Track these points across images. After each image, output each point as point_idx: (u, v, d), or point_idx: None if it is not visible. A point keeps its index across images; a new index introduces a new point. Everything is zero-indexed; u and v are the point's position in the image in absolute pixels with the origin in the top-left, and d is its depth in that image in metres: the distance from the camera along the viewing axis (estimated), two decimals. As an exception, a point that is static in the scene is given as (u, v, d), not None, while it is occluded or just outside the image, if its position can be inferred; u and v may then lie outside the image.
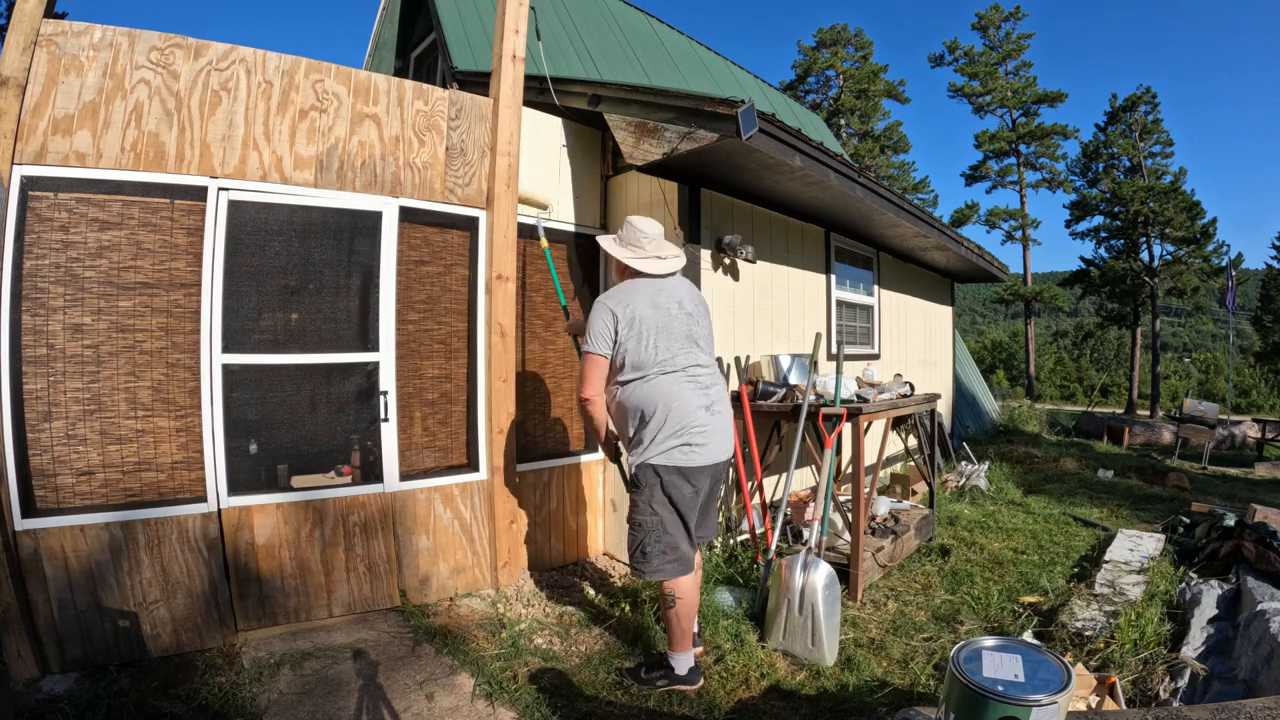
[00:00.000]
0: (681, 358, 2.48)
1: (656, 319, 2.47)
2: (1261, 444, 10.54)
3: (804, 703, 2.50)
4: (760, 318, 4.37)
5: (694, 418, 2.45)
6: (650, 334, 2.45)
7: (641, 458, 2.47)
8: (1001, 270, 7.90)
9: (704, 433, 2.46)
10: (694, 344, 2.54)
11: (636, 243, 2.57)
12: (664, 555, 2.47)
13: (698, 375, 2.51)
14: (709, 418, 2.48)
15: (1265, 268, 30.32)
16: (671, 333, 2.48)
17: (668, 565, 2.47)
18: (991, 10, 29.67)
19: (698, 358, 2.53)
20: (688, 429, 2.44)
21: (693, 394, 2.47)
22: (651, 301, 2.49)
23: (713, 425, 2.49)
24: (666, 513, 2.47)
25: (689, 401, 2.45)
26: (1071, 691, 0.87)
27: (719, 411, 2.54)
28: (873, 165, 29.89)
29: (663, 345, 2.46)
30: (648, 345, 2.45)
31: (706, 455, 2.46)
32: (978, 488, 6.09)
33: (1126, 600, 3.21)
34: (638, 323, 2.44)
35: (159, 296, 2.66)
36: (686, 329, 2.52)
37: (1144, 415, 22.44)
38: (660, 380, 2.45)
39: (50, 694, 2.34)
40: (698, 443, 2.44)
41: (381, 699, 2.40)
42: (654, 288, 2.54)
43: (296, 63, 2.93)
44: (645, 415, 2.46)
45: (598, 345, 2.47)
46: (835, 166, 3.80)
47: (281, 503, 2.88)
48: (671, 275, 2.61)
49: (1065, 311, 38.14)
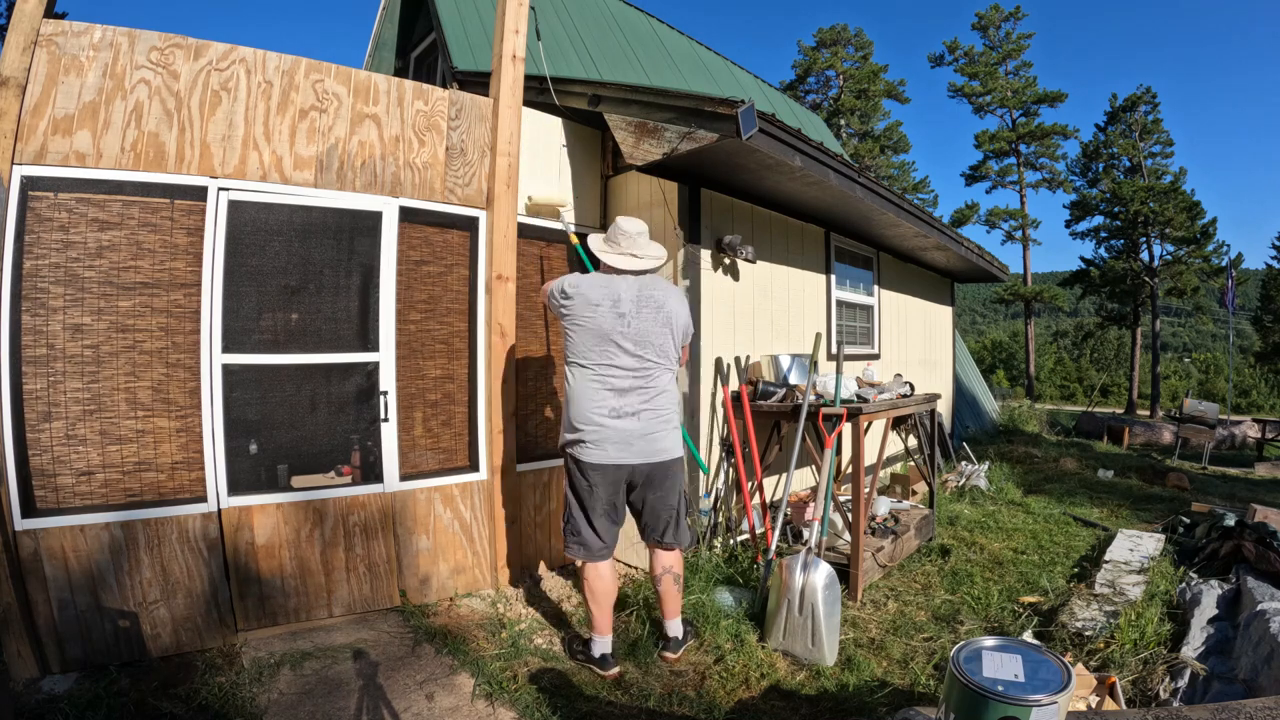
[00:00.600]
0: (595, 356, 2.56)
1: (586, 314, 2.56)
2: (1261, 444, 10.54)
3: (804, 703, 2.50)
4: (760, 318, 4.37)
5: (590, 417, 2.55)
6: (577, 325, 2.58)
7: (560, 441, 2.71)
8: (1001, 270, 7.90)
9: (597, 430, 2.55)
10: (612, 344, 2.55)
11: (613, 239, 2.70)
12: (570, 535, 2.70)
13: (609, 376, 2.56)
14: (608, 417, 2.55)
15: (1265, 268, 30.30)
16: (590, 329, 2.56)
17: (573, 545, 2.69)
18: (991, 10, 29.67)
19: (614, 358, 2.55)
20: (582, 426, 2.57)
21: (596, 394, 2.55)
22: (597, 296, 2.57)
23: (613, 426, 2.54)
24: (571, 495, 2.69)
25: (587, 401, 2.56)
26: (1071, 691, 0.87)
27: (632, 414, 2.56)
28: (873, 165, 29.89)
29: (582, 340, 2.58)
30: (576, 335, 2.60)
31: (597, 455, 2.56)
32: (978, 488, 6.09)
33: (1126, 600, 3.21)
34: (573, 312, 2.58)
35: (159, 296, 2.66)
36: (609, 328, 2.55)
37: (1144, 415, 22.44)
38: (574, 372, 2.61)
39: (50, 694, 2.34)
40: (589, 441, 2.56)
41: (381, 699, 2.40)
42: (608, 283, 2.62)
43: (296, 63, 2.93)
44: (565, 403, 2.67)
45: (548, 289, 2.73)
46: (835, 166, 3.80)
47: (281, 503, 2.88)
48: (642, 274, 2.68)
49: (1065, 311, 38.14)
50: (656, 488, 2.67)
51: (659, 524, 2.73)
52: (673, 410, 2.70)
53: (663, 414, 2.64)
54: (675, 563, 2.78)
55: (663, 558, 2.76)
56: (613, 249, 2.69)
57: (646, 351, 2.59)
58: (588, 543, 2.67)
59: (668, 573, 2.75)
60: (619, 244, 2.68)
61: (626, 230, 2.68)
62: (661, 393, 2.64)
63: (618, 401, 2.55)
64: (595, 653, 2.69)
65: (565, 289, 2.62)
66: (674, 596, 2.78)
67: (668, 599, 2.78)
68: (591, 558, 2.68)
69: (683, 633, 2.83)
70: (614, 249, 2.69)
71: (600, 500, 2.63)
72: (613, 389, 2.55)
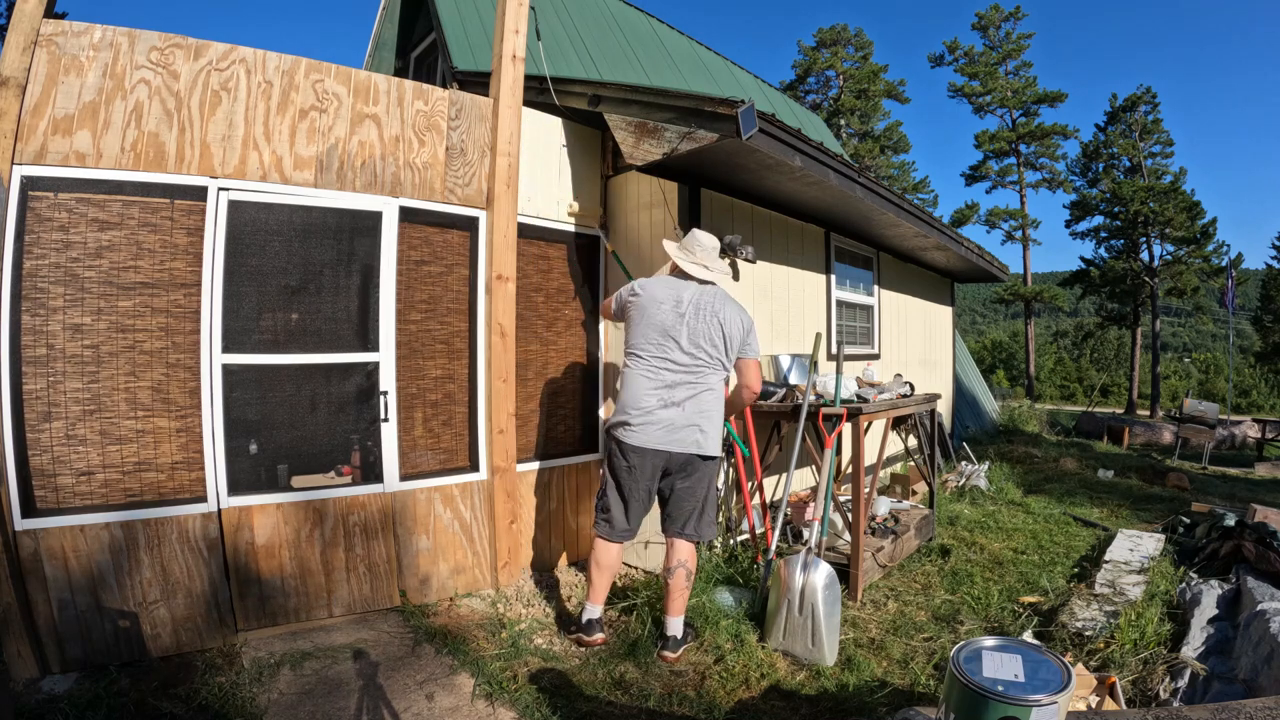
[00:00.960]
0: (651, 348, 2.79)
1: (651, 309, 2.80)
2: (1261, 444, 10.54)
3: (804, 703, 2.50)
4: (760, 318, 4.36)
5: (639, 401, 2.76)
6: (640, 320, 2.82)
7: (606, 425, 2.93)
8: (1001, 270, 7.90)
9: (644, 416, 2.74)
10: (670, 340, 2.77)
11: (689, 248, 2.95)
12: (600, 513, 2.89)
13: (661, 369, 2.77)
14: (656, 406, 2.75)
15: (1265, 268, 30.31)
16: (652, 324, 2.79)
17: (601, 521, 2.88)
18: (991, 10, 29.67)
19: (669, 353, 2.77)
20: (630, 410, 2.77)
21: (647, 382, 2.77)
22: (662, 295, 2.82)
23: (658, 414, 2.74)
24: (609, 476, 2.88)
25: (639, 387, 2.77)
26: (1071, 691, 0.87)
27: (675, 404, 2.75)
28: (873, 165, 29.89)
29: (642, 332, 2.81)
30: (637, 328, 2.83)
31: (640, 438, 2.75)
32: (978, 488, 6.09)
33: (1126, 600, 3.21)
34: (639, 306, 2.83)
35: (159, 296, 2.66)
36: (668, 324, 2.77)
37: (1144, 415, 22.45)
38: (631, 361, 2.84)
39: (50, 694, 2.34)
40: (635, 424, 2.75)
41: (381, 699, 2.40)
42: (673, 284, 2.86)
43: (296, 63, 2.93)
44: (620, 389, 2.88)
45: (615, 295, 3.05)
46: (835, 166, 3.80)
47: (281, 503, 2.88)
48: (707, 284, 2.88)
49: (1065, 311, 38.14)
50: (687, 477, 2.80)
51: (682, 513, 2.83)
52: (717, 410, 2.83)
53: (706, 410, 2.79)
54: (690, 558, 2.83)
55: (680, 550, 2.81)
56: (688, 256, 2.92)
57: (698, 351, 2.77)
58: (615, 521, 2.84)
59: (681, 566, 2.80)
60: (694, 253, 2.92)
61: (704, 244, 2.94)
62: (708, 390, 2.80)
63: (667, 393, 2.75)
64: (583, 618, 2.87)
65: (635, 287, 2.90)
66: (682, 592, 2.81)
67: (675, 594, 2.79)
68: (613, 538, 2.85)
69: (683, 633, 2.83)
70: (689, 256, 2.92)
71: (638, 483, 2.79)
72: (662, 382, 2.75)
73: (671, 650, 2.76)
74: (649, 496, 2.85)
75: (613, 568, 2.90)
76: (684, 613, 2.85)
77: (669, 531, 2.88)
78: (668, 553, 2.85)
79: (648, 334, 2.79)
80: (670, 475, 2.81)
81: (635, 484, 2.79)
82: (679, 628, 2.82)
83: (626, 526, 2.85)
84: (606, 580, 2.90)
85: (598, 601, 2.89)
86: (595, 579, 2.89)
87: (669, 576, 2.80)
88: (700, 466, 2.81)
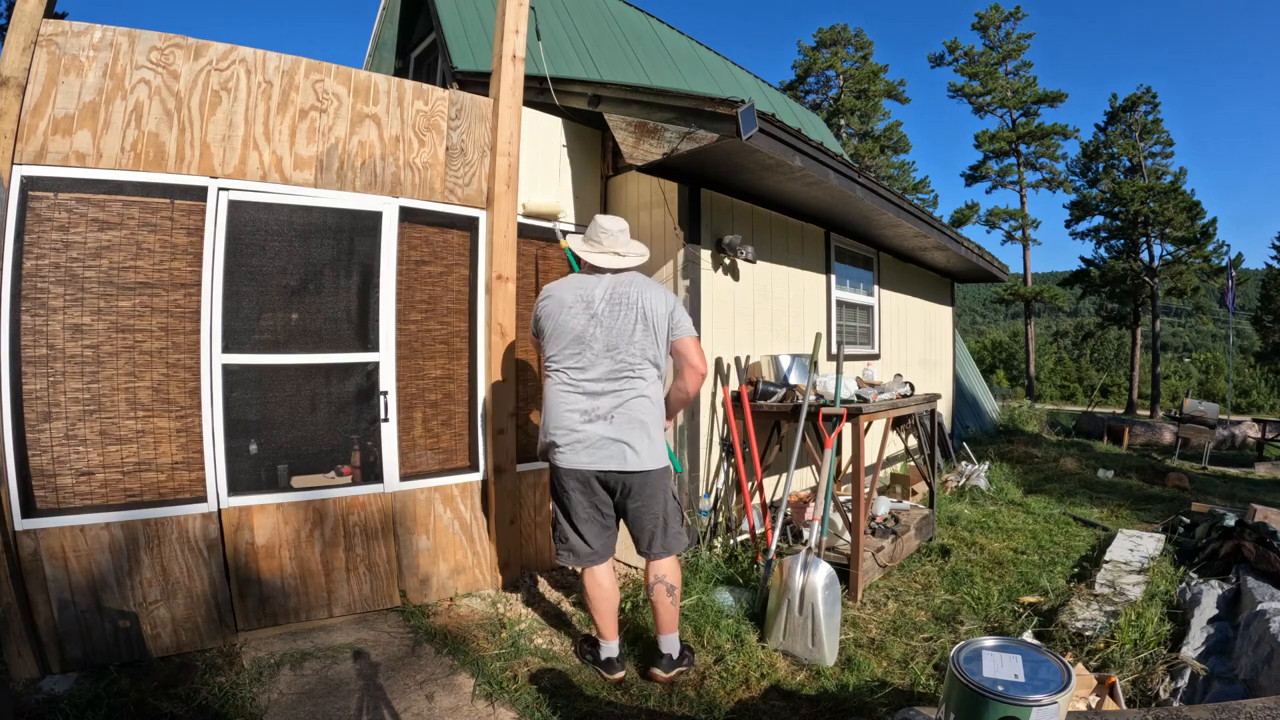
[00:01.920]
0: (567, 360, 2.51)
1: (561, 315, 2.51)
2: (1261, 444, 10.54)
3: (804, 703, 2.50)
4: (760, 318, 4.37)
5: (561, 420, 2.50)
6: (551, 330, 2.53)
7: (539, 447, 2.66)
8: (1001, 270, 7.90)
9: (568, 435, 2.48)
10: (585, 346, 2.47)
11: (594, 237, 2.62)
12: (559, 542, 2.65)
13: (580, 381, 2.48)
14: (579, 422, 2.47)
15: (1265, 268, 30.32)
16: (564, 331, 2.50)
17: (562, 551, 2.64)
18: (991, 10, 29.67)
19: (585, 361, 2.48)
20: (553, 430, 2.52)
21: (567, 397, 2.50)
22: (570, 297, 2.52)
23: (583, 430, 2.46)
24: (554, 501, 2.64)
25: (559, 404, 2.51)
26: (1072, 691, 0.87)
27: (604, 418, 2.46)
28: (873, 165, 29.89)
29: (554, 342, 2.53)
30: (550, 340, 2.55)
31: (569, 459, 2.49)
32: (978, 488, 6.09)
33: (1127, 600, 3.21)
34: (550, 316, 2.54)
35: (159, 296, 2.66)
36: (579, 329, 2.48)
37: (1144, 415, 22.44)
38: (549, 378, 2.58)
39: (50, 694, 2.34)
40: (561, 444, 2.50)
41: (381, 699, 2.40)
42: (582, 283, 2.56)
43: (296, 63, 2.93)
44: (542, 407, 2.63)
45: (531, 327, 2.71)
46: (835, 166, 3.80)
47: (281, 503, 2.88)
48: (623, 271, 2.59)
49: (1065, 311, 38.14)
50: (636, 497, 2.54)
51: (643, 534, 2.60)
52: (651, 416, 2.51)
53: (638, 418, 2.48)
54: (668, 571, 2.59)
55: (655, 566, 2.61)
56: (593, 247, 2.60)
57: (620, 353, 2.47)
58: (575, 548, 2.60)
59: (660, 582, 2.59)
60: (600, 242, 2.60)
61: (607, 228, 2.60)
62: (639, 396, 2.48)
63: (589, 404, 2.47)
64: (602, 656, 2.65)
65: (543, 293, 2.60)
66: (666, 608, 2.59)
67: (659, 610, 2.60)
68: (581, 563, 2.61)
69: (678, 653, 2.65)
70: (595, 247, 2.60)
71: (579, 504, 2.55)
72: (584, 392, 2.48)
73: (663, 669, 2.59)
74: (600, 513, 2.58)
75: (609, 598, 2.61)
76: (676, 629, 2.64)
77: (639, 551, 2.65)
78: (645, 569, 2.67)
79: (558, 343, 2.50)
80: (618, 496, 2.55)
81: (577, 505, 2.55)
82: (673, 645, 2.64)
83: (590, 549, 2.58)
84: (609, 615, 2.63)
85: (610, 637, 2.64)
86: (596, 618, 2.63)
87: (650, 593, 2.62)
88: (646, 481, 2.52)
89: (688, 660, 2.69)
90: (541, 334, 2.59)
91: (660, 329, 2.51)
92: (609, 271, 2.57)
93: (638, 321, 2.48)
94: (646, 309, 2.49)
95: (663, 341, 2.52)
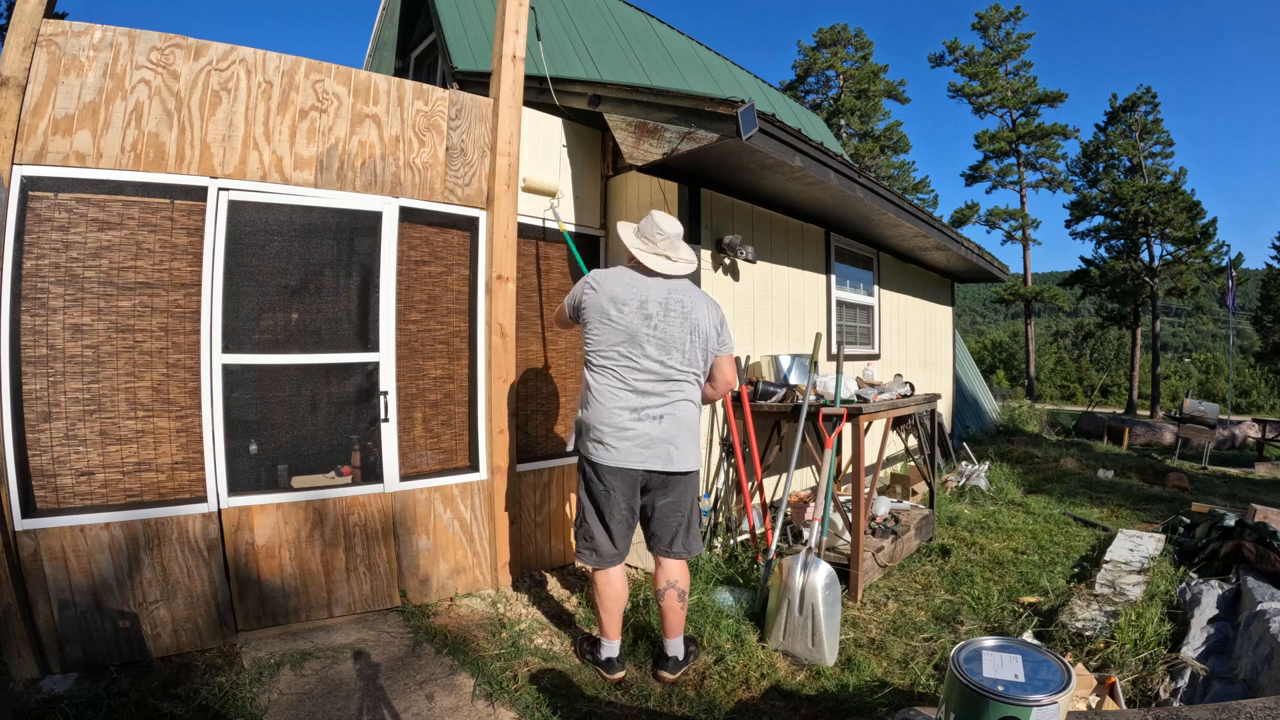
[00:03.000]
0: (618, 356, 2.48)
1: (612, 311, 2.48)
2: (1261, 444, 10.54)
3: (804, 703, 2.50)
4: (760, 318, 4.37)
5: (611, 418, 2.47)
6: (602, 323, 2.50)
7: (573, 443, 2.65)
8: (1001, 270, 7.91)
9: (617, 433, 2.46)
10: (638, 346, 2.47)
11: (649, 236, 2.57)
12: (583, 541, 2.60)
13: (632, 380, 2.47)
14: (630, 421, 2.46)
15: (1265, 268, 30.34)
16: (616, 328, 2.48)
17: (585, 551, 2.59)
18: (991, 10, 29.68)
19: (639, 361, 2.47)
20: (601, 427, 2.48)
21: (618, 394, 2.48)
22: (624, 294, 2.49)
23: (633, 430, 2.46)
24: (586, 501, 2.59)
25: (609, 402, 2.48)
26: (1071, 691, 0.87)
27: (655, 418, 2.47)
28: (873, 165, 29.90)
29: (605, 337, 2.50)
30: (599, 333, 2.51)
31: (615, 457, 2.47)
32: (978, 488, 6.09)
33: (1127, 600, 3.21)
34: (600, 309, 2.50)
35: (159, 296, 2.66)
36: (634, 328, 2.47)
37: (1144, 415, 22.45)
38: (595, 372, 2.54)
39: (50, 694, 2.34)
40: (609, 443, 2.47)
41: (382, 699, 2.40)
42: (633, 282, 2.53)
43: (296, 63, 2.93)
44: (582, 402, 2.60)
45: (565, 300, 2.69)
46: (835, 166, 3.80)
47: (281, 503, 2.88)
48: (672, 278, 2.57)
49: (1065, 311, 38.12)
50: (669, 493, 2.56)
51: (668, 532, 2.59)
52: (694, 421, 2.59)
53: (684, 422, 2.53)
54: (681, 576, 2.61)
55: (669, 569, 2.60)
56: (646, 246, 2.56)
57: (671, 357, 2.49)
58: (600, 549, 2.56)
59: (672, 587, 2.58)
60: (654, 241, 2.55)
61: (664, 230, 2.55)
62: (685, 400, 2.54)
63: (640, 402, 2.47)
64: (603, 656, 2.65)
65: (591, 283, 2.54)
66: (677, 613, 2.61)
67: (670, 616, 2.61)
68: (604, 564, 2.58)
69: (684, 652, 2.68)
70: (648, 246, 2.56)
71: (618, 505, 2.52)
72: (636, 390, 2.47)
73: (670, 671, 2.62)
74: (632, 515, 2.59)
75: (620, 599, 2.61)
76: (683, 632, 2.68)
77: (655, 550, 2.64)
78: (655, 572, 2.65)
79: (611, 339, 2.48)
80: (650, 492, 2.57)
81: (615, 505, 2.52)
82: (679, 648, 2.66)
83: (614, 550, 2.57)
84: (615, 613, 2.62)
85: (614, 637, 2.64)
86: (603, 616, 2.62)
87: (660, 599, 2.61)
88: (681, 481, 2.57)
89: (693, 654, 2.74)
90: (584, 323, 2.56)
91: (709, 345, 2.58)
92: (659, 275, 2.55)
93: (690, 332, 2.51)
94: (699, 321, 2.53)
95: (709, 354, 2.59)
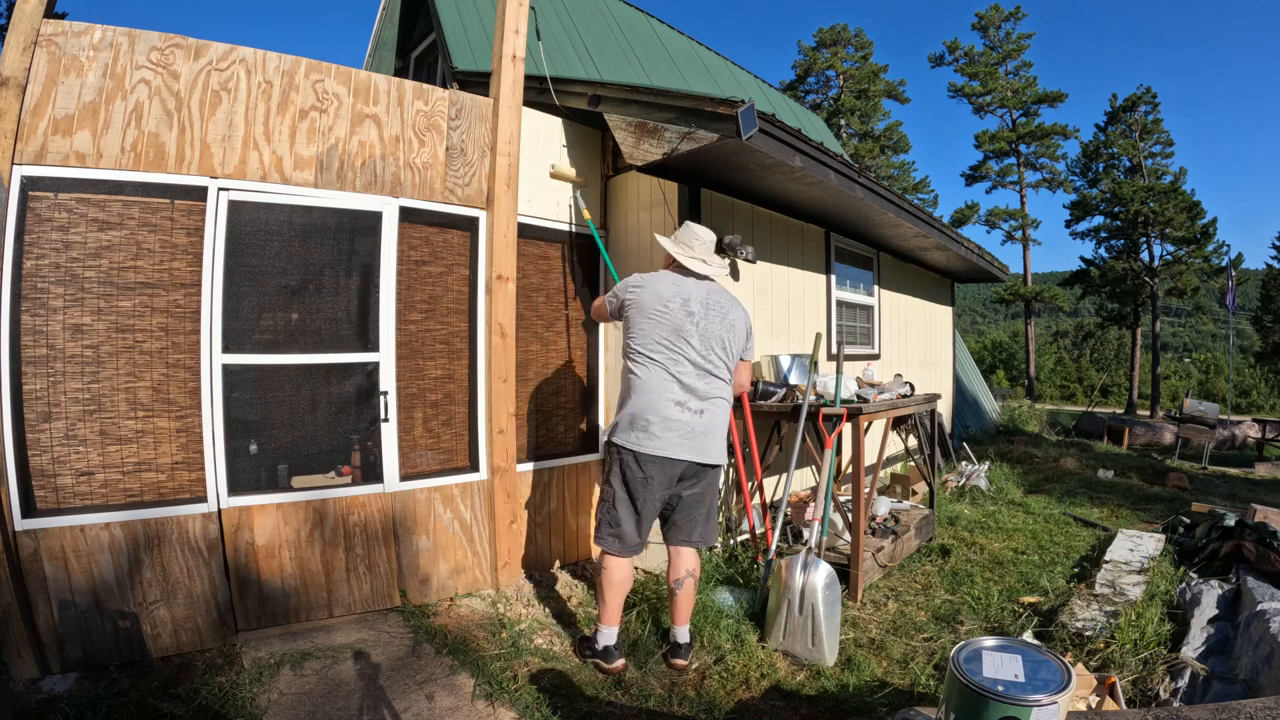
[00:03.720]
0: (665, 349, 2.63)
1: (658, 307, 2.64)
2: (1262, 444, 10.54)
3: (804, 703, 2.50)
4: (760, 318, 4.37)
5: (659, 408, 2.59)
6: (645, 319, 2.65)
7: (609, 435, 2.73)
8: (1001, 270, 7.90)
9: (664, 425, 2.58)
10: (684, 341, 2.62)
11: (687, 242, 2.79)
12: (608, 528, 2.68)
13: (678, 373, 2.62)
14: (677, 412, 2.60)
15: (1265, 268, 30.33)
16: (662, 324, 2.63)
17: (609, 537, 2.68)
18: (991, 10, 29.67)
19: (684, 355, 2.62)
20: (649, 415, 2.59)
21: (667, 385, 2.61)
22: (668, 292, 2.66)
23: (679, 421, 2.59)
24: (620, 490, 2.66)
25: (656, 392, 2.60)
26: (1071, 691, 0.87)
27: (696, 411, 2.62)
28: (873, 165, 29.90)
29: (652, 332, 2.63)
30: (645, 328, 2.64)
31: (660, 447, 2.58)
32: (978, 488, 6.09)
33: (1127, 600, 3.21)
34: (642, 305, 2.66)
35: (159, 296, 2.66)
36: (679, 324, 2.62)
37: (1144, 415, 22.45)
38: (640, 364, 2.65)
39: (50, 694, 2.34)
40: (654, 432, 2.58)
41: (382, 699, 2.40)
42: (680, 283, 2.71)
43: (296, 63, 2.93)
44: (624, 396, 2.71)
45: (608, 294, 2.88)
46: (835, 166, 3.80)
47: (282, 503, 2.88)
48: (706, 279, 2.77)
49: (1065, 311, 38.12)
50: (697, 484, 2.70)
51: (689, 522, 2.73)
52: (727, 416, 2.75)
53: (720, 416, 2.70)
54: (697, 566, 2.79)
55: (687, 559, 2.73)
56: (685, 250, 2.77)
57: (712, 352, 2.66)
58: (625, 536, 2.66)
59: (690, 576, 2.73)
60: (692, 248, 2.77)
61: (701, 238, 2.79)
62: (719, 397, 2.69)
63: (684, 395, 2.61)
64: (600, 644, 2.70)
65: (637, 281, 2.73)
66: (690, 601, 2.77)
67: (683, 603, 2.74)
68: (625, 553, 2.67)
69: (689, 639, 2.81)
70: (687, 251, 2.77)
71: (654, 495, 2.63)
72: (680, 382, 2.61)
73: (683, 658, 2.74)
74: (661, 506, 2.70)
75: (626, 584, 2.71)
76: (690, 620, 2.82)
77: (675, 540, 2.75)
78: (673, 562, 2.75)
79: (658, 334, 2.62)
80: (682, 481, 2.68)
81: (650, 495, 2.62)
82: (687, 635, 2.80)
83: (639, 540, 2.68)
84: (620, 598, 2.71)
85: (613, 624, 2.70)
86: (609, 599, 2.69)
87: (678, 588, 2.72)
88: (710, 473, 2.72)
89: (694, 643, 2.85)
90: (628, 319, 2.72)
91: (738, 346, 2.77)
92: (697, 277, 2.75)
93: (728, 331, 2.71)
94: (735, 324, 2.74)
95: (737, 356, 2.78)
